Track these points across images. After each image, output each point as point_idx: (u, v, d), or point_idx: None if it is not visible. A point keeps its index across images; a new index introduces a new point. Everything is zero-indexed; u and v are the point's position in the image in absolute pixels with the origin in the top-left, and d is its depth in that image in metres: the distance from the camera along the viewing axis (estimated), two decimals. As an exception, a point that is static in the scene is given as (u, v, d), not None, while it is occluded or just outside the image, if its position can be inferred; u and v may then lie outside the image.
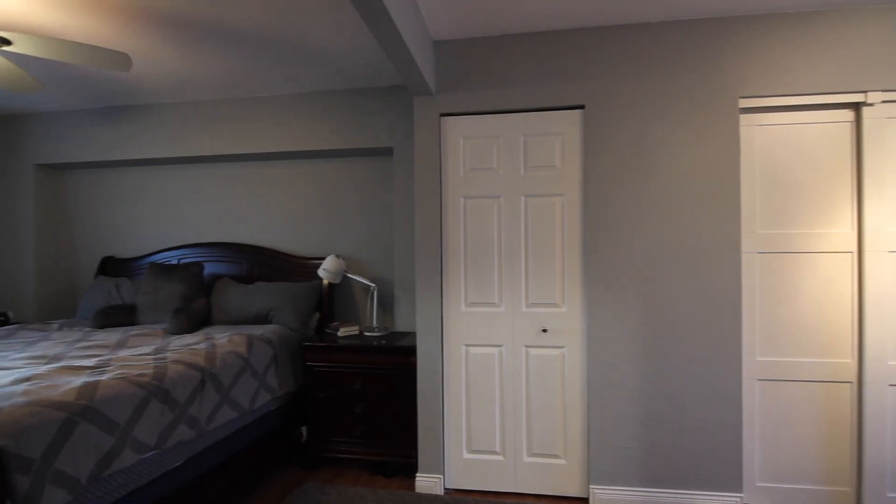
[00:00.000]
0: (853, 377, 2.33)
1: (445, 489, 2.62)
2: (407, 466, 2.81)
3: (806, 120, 2.37)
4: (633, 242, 2.42)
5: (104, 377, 1.89)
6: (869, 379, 2.27)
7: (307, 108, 3.37)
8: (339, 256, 3.40)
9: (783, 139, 2.39)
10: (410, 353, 2.72)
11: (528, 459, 2.54)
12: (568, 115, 2.51)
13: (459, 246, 2.61)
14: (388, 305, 3.43)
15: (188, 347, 2.47)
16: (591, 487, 2.44)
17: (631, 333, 2.42)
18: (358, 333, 3.08)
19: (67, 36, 2.53)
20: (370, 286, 3.23)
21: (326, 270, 3.14)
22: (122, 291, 3.47)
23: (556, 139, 2.53)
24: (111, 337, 2.76)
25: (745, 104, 2.36)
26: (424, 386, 2.60)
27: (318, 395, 2.86)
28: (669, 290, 2.39)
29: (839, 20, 2.29)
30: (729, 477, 2.33)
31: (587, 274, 2.47)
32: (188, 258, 3.67)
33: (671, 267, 2.39)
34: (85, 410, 1.65)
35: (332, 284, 3.41)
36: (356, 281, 3.44)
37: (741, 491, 2.32)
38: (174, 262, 3.68)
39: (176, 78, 3.11)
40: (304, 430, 2.97)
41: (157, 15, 2.33)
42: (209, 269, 3.62)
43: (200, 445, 2.20)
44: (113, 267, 3.80)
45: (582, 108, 2.50)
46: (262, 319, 3.17)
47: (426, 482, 2.58)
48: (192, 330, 2.97)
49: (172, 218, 3.81)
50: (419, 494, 2.53)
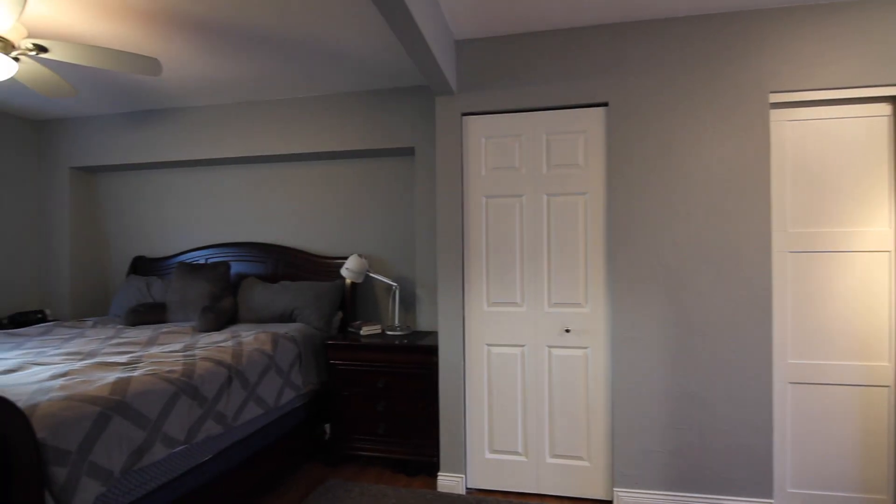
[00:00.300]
0: (890, 381, 2.24)
1: (467, 489, 2.62)
2: (429, 465, 2.82)
3: (840, 114, 2.29)
4: (659, 241, 2.38)
5: (136, 373, 1.95)
6: (908, 383, 2.19)
7: (330, 109, 3.41)
8: (361, 256, 3.43)
9: (816, 134, 2.32)
10: (432, 352, 2.73)
11: (550, 460, 2.52)
12: (591, 112, 2.48)
13: (481, 245, 2.61)
14: (409, 305, 3.44)
15: (216, 345, 2.53)
16: (614, 490, 2.40)
17: (656, 334, 2.38)
18: (380, 332, 3.10)
19: (100, 42, 2.61)
20: (392, 285, 3.24)
21: (349, 270, 3.17)
22: (152, 290, 3.57)
23: (579, 137, 2.50)
24: (142, 334, 2.84)
25: (775, 99, 2.30)
26: (446, 385, 2.61)
27: (341, 392, 2.90)
28: (697, 290, 2.34)
29: (875, 10, 2.20)
30: (759, 482, 2.27)
31: (611, 273, 2.44)
32: (215, 258, 3.75)
33: (698, 266, 2.34)
34: (118, 405, 1.70)
35: (354, 284, 3.44)
36: (378, 280, 3.46)
37: (772, 497, 2.26)
38: (202, 261, 3.77)
39: (202, 82, 3.18)
40: (327, 427, 3.00)
41: (184, 20, 2.39)
42: (235, 268, 3.69)
43: (228, 441, 2.24)
44: (144, 266, 3.91)
45: (605, 105, 2.46)
46: (286, 318, 3.22)
47: (448, 481, 2.59)
48: (219, 328, 3.04)
49: (200, 218, 3.90)
50: (441, 493, 2.53)
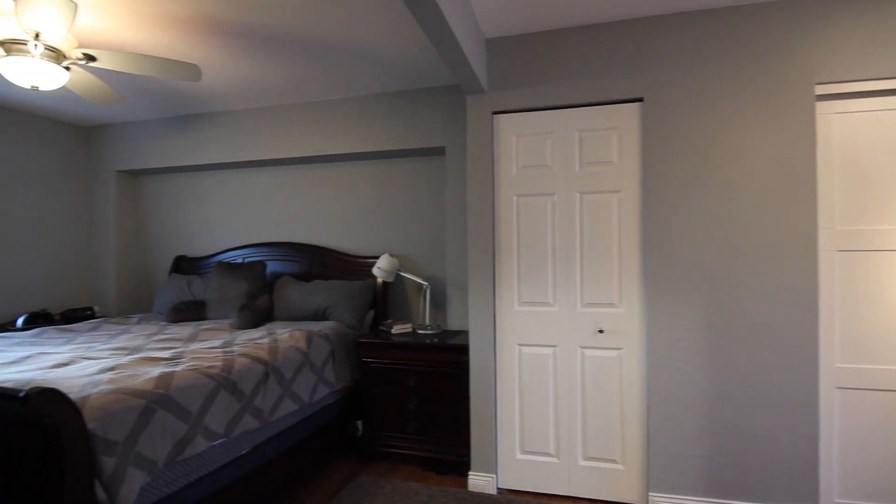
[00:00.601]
0: (951, 388, 2.11)
1: (498, 489, 2.61)
2: (460, 464, 2.83)
3: (893, 106, 2.17)
4: (697, 240, 2.31)
5: (178, 368, 2.02)
6: (970, 390, 2.05)
7: (361, 110, 3.46)
8: (392, 255, 3.47)
9: (866, 127, 2.20)
10: (463, 351, 2.73)
11: (583, 463, 2.49)
12: (625, 108, 2.43)
13: (512, 244, 2.59)
14: (440, 304, 3.45)
15: (253, 342, 2.60)
16: (650, 495, 2.35)
17: (694, 336, 2.31)
18: (411, 331, 3.12)
19: (143, 51, 2.72)
20: (423, 284, 3.26)
21: (380, 269, 3.20)
22: (192, 288, 3.70)
23: (612, 134, 2.45)
24: (184, 331, 2.94)
25: (821, 91, 2.19)
26: (477, 384, 2.60)
27: (372, 390, 2.93)
28: (738, 290, 2.26)
29: (934, -6, 2.07)
30: (803, 491, 2.17)
31: (646, 273, 2.38)
32: (252, 257, 3.86)
33: (740, 266, 2.26)
34: (162, 399, 1.77)
35: (385, 283, 3.48)
36: (409, 279, 3.49)
37: (818, 506, 2.16)
38: (239, 260, 3.88)
39: (238, 86, 3.28)
40: (359, 424, 3.05)
41: (221, 27, 2.46)
42: (271, 267, 3.79)
43: (264, 435, 2.31)
44: (184, 265, 4.06)
45: (640, 100, 2.41)
46: (319, 316, 3.29)
47: (479, 481, 2.58)
48: (256, 325, 3.12)
49: (237, 219, 4.02)
50: (472, 493, 2.53)
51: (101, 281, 4.20)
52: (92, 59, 2.23)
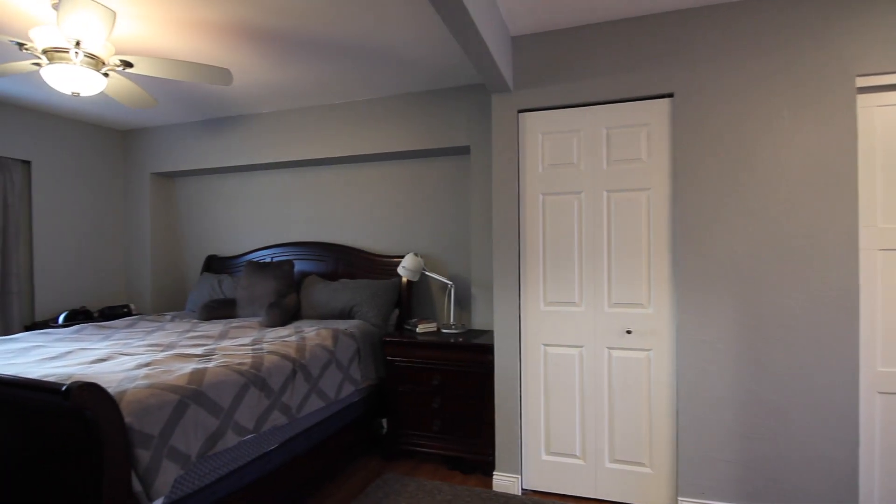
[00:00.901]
0: None
1: (523, 490, 2.59)
2: (484, 464, 2.82)
3: (942, 97, 2.07)
4: (730, 238, 2.25)
5: (210, 364, 2.08)
6: None
7: (387, 111, 3.48)
8: (417, 255, 3.48)
9: (912, 120, 2.10)
10: (488, 351, 2.72)
11: (609, 465, 2.45)
12: (654, 104, 2.38)
13: (538, 243, 2.57)
14: (465, 303, 3.45)
15: (281, 339, 2.65)
16: (679, 499, 2.30)
17: (727, 337, 2.24)
18: (436, 330, 3.13)
19: (176, 56, 2.80)
20: (448, 284, 3.26)
21: (405, 268, 3.22)
22: (223, 287, 3.79)
23: (641, 130, 2.40)
24: (215, 328, 3.02)
25: (863, 83, 2.10)
26: (502, 384, 2.59)
27: (397, 388, 2.95)
28: (773, 290, 2.19)
29: None
30: (841, 500, 2.09)
31: (676, 272, 2.33)
32: (280, 256, 3.93)
33: (775, 265, 2.19)
34: (195, 394, 1.82)
35: (410, 282, 3.49)
36: (434, 279, 3.50)
37: (858, 516, 2.08)
38: (268, 260, 3.96)
39: (267, 89, 3.34)
40: (384, 422, 3.07)
41: (251, 31, 2.51)
42: (298, 266, 3.85)
43: (292, 431, 2.35)
44: (216, 264, 4.16)
45: (670, 96, 2.35)
46: (345, 315, 3.32)
47: (504, 481, 2.57)
48: (284, 323, 3.18)
49: (266, 219, 4.10)
50: (496, 493, 2.52)
51: (136, 279, 4.34)
52: (129, 65, 2.30)
